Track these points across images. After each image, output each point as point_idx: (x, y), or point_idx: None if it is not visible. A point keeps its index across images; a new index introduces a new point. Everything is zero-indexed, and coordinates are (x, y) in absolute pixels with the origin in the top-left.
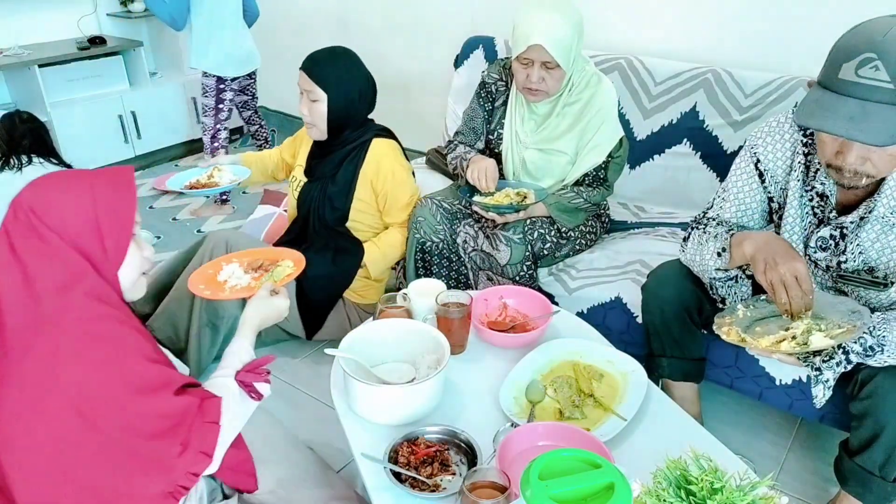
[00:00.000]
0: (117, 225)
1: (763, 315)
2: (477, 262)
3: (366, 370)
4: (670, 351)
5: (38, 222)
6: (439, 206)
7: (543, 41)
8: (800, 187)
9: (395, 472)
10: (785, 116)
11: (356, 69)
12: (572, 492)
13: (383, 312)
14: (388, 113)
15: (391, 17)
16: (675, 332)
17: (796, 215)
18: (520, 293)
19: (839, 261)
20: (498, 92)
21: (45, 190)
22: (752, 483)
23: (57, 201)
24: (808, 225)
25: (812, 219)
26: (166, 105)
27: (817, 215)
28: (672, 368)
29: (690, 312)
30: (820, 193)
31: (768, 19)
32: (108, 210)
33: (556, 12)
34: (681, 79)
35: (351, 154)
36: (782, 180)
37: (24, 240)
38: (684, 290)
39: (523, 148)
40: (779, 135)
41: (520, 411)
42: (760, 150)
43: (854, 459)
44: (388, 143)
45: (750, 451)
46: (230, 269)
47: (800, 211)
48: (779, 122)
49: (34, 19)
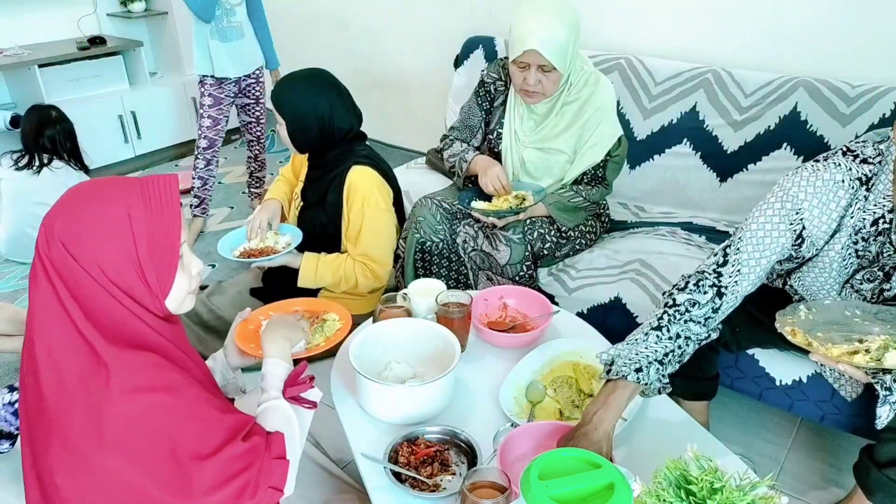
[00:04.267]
0: (159, 259)
1: (825, 319)
2: (477, 262)
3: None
4: (684, 371)
5: (73, 262)
6: (439, 206)
7: (539, 46)
8: (847, 241)
9: (395, 472)
10: (830, 173)
11: (314, 94)
12: (572, 492)
13: (383, 312)
14: (388, 113)
15: (391, 17)
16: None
17: (833, 261)
18: (520, 293)
19: (882, 288)
20: (497, 92)
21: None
22: (752, 483)
23: (90, 238)
24: (848, 266)
25: (854, 260)
26: (166, 105)
27: (861, 256)
28: (685, 388)
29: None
30: (866, 238)
31: (768, 19)
32: (149, 243)
33: (551, 15)
34: (681, 79)
35: (335, 181)
36: (821, 241)
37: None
38: None
39: (522, 147)
40: (828, 195)
41: (520, 411)
42: (807, 214)
43: (884, 471)
44: (364, 171)
45: (750, 451)
46: None
47: (840, 262)
48: (825, 182)
49: (34, 19)
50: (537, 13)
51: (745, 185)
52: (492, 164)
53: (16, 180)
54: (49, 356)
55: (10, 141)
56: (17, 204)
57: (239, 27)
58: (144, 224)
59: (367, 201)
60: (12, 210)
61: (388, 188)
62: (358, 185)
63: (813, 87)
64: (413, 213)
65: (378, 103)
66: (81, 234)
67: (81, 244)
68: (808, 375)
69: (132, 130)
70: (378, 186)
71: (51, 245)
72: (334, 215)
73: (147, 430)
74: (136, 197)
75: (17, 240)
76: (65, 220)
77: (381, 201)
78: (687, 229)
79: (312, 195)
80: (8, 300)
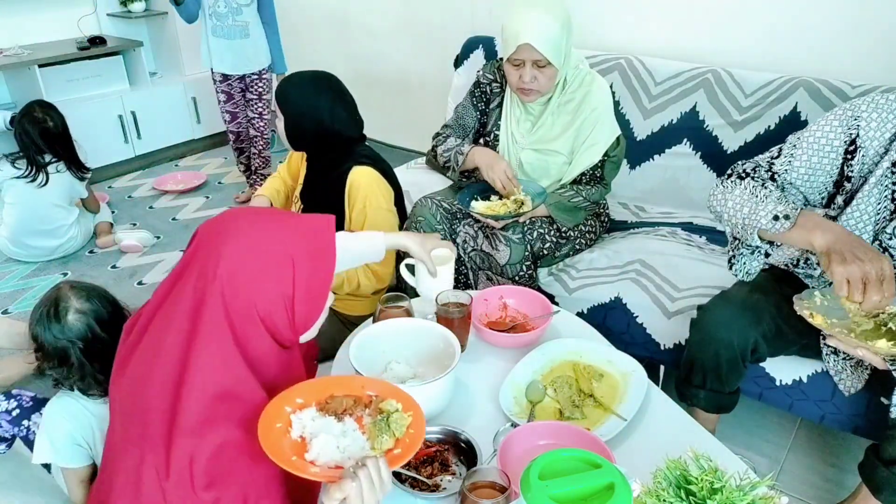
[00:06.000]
0: (311, 302)
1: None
2: (477, 261)
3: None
4: (711, 385)
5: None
6: (439, 206)
7: (532, 39)
8: (887, 170)
9: (396, 472)
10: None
11: (317, 97)
12: (572, 492)
13: (383, 312)
14: (388, 113)
15: (391, 17)
16: (724, 372)
17: (872, 201)
18: (520, 293)
19: None
20: (493, 94)
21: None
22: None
23: (252, 284)
24: (882, 210)
25: (889, 204)
26: (166, 105)
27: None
28: (709, 401)
29: (745, 355)
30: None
31: (768, 19)
32: (306, 289)
33: (542, 10)
34: (681, 79)
35: (336, 182)
36: (871, 161)
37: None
38: (743, 333)
39: (519, 149)
40: (886, 111)
41: (520, 411)
42: (864, 122)
43: (892, 469)
44: (365, 171)
45: (750, 451)
46: (304, 417)
47: (878, 196)
48: (888, 101)
49: (34, 19)
50: (528, 9)
51: None
52: (497, 160)
53: (19, 185)
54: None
55: (10, 141)
56: (22, 205)
57: (244, 27)
58: (305, 271)
59: (369, 201)
60: (16, 210)
61: (390, 188)
62: (359, 185)
63: (813, 87)
64: (413, 213)
65: (378, 103)
66: (243, 275)
67: (241, 283)
68: (808, 375)
69: (132, 130)
70: (379, 186)
71: (209, 281)
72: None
73: None
74: (300, 244)
75: (20, 238)
76: (228, 261)
77: (383, 201)
78: (687, 230)
79: (312, 196)
80: (8, 300)
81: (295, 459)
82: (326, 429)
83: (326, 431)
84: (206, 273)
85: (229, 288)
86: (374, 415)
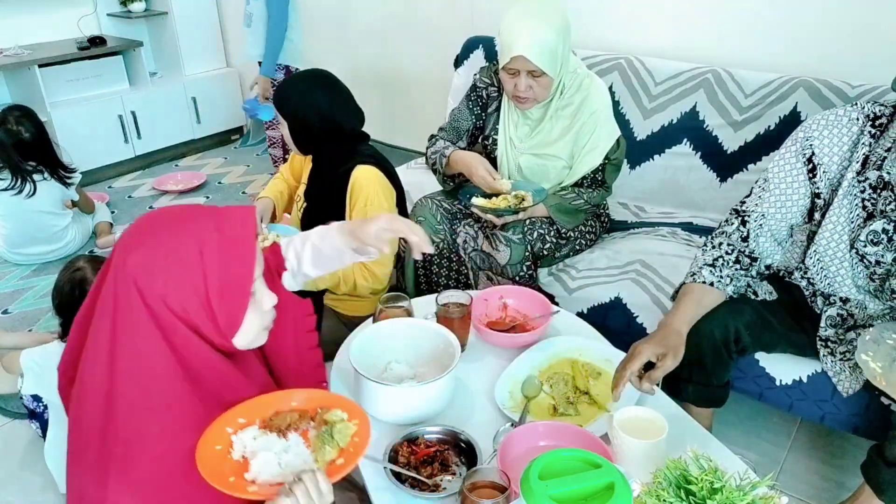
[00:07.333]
0: (230, 296)
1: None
2: (477, 262)
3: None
4: (697, 378)
5: (138, 297)
6: (439, 206)
7: (526, 52)
8: (852, 180)
9: (396, 472)
10: (844, 110)
11: (314, 92)
12: (572, 492)
13: (383, 312)
14: (388, 113)
15: (391, 16)
16: (708, 363)
17: (844, 212)
18: (520, 293)
19: (894, 257)
20: (490, 98)
21: (149, 256)
22: (752, 483)
23: (161, 273)
24: (855, 218)
25: (861, 212)
26: (166, 105)
27: (867, 209)
28: (697, 394)
29: (728, 346)
30: (874, 186)
31: (768, 19)
32: (220, 280)
33: (537, 18)
34: (681, 79)
35: (339, 181)
36: (835, 175)
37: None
38: (725, 325)
39: (518, 154)
40: (838, 127)
41: (514, 405)
42: (817, 142)
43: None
44: (368, 170)
45: (750, 451)
46: (245, 438)
47: (849, 206)
48: (837, 116)
49: (34, 19)
50: (523, 18)
51: (745, 185)
52: (476, 164)
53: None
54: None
55: None
56: (14, 217)
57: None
58: (216, 259)
59: (370, 200)
60: (9, 222)
61: (392, 188)
62: (362, 184)
63: (813, 87)
64: (413, 213)
65: (378, 103)
66: (155, 273)
67: (153, 273)
68: (808, 375)
69: (132, 130)
70: (382, 186)
71: (118, 279)
72: (338, 215)
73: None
74: (212, 234)
75: (18, 248)
76: (136, 254)
77: (384, 201)
78: (687, 230)
79: (316, 195)
80: (8, 300)
81: (233, 480)
82: (267, 446)
83: (267, 449)
84: (119, 267)
85: (143, 279)
86: (319, 427)
